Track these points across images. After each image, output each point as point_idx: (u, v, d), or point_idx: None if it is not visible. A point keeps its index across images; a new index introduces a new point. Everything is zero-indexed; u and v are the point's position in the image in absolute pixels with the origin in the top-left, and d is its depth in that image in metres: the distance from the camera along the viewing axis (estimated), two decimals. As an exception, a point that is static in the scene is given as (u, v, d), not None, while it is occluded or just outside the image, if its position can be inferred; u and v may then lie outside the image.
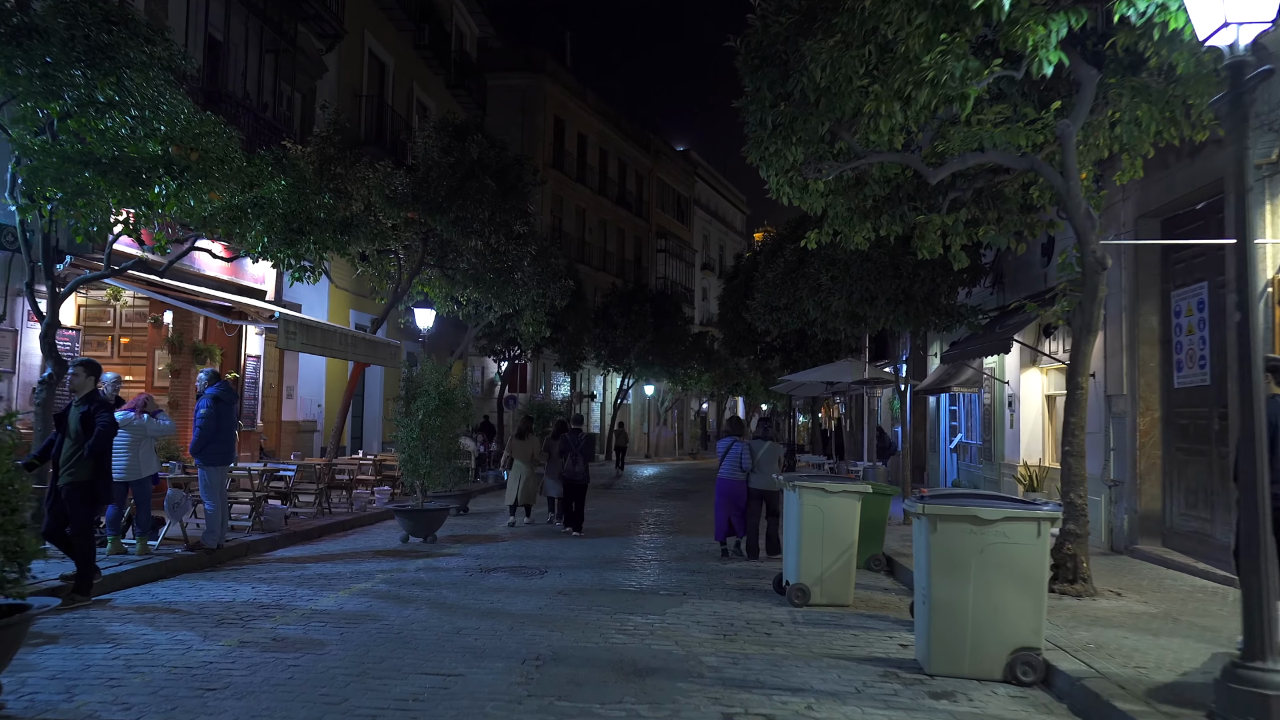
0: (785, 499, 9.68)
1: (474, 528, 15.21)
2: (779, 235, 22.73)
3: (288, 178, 10.23)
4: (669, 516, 17.75)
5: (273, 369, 19.32)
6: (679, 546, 13.36)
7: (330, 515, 15.11)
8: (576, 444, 14.92)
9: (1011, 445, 16.19)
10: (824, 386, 21.33)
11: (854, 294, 15.13)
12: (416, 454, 13.14)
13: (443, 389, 13.17)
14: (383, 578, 10.17)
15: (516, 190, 16.54)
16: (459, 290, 17.63)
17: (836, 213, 10.84)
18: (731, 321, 27.41)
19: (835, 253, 15.58)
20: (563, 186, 40.24)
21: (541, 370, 37.69)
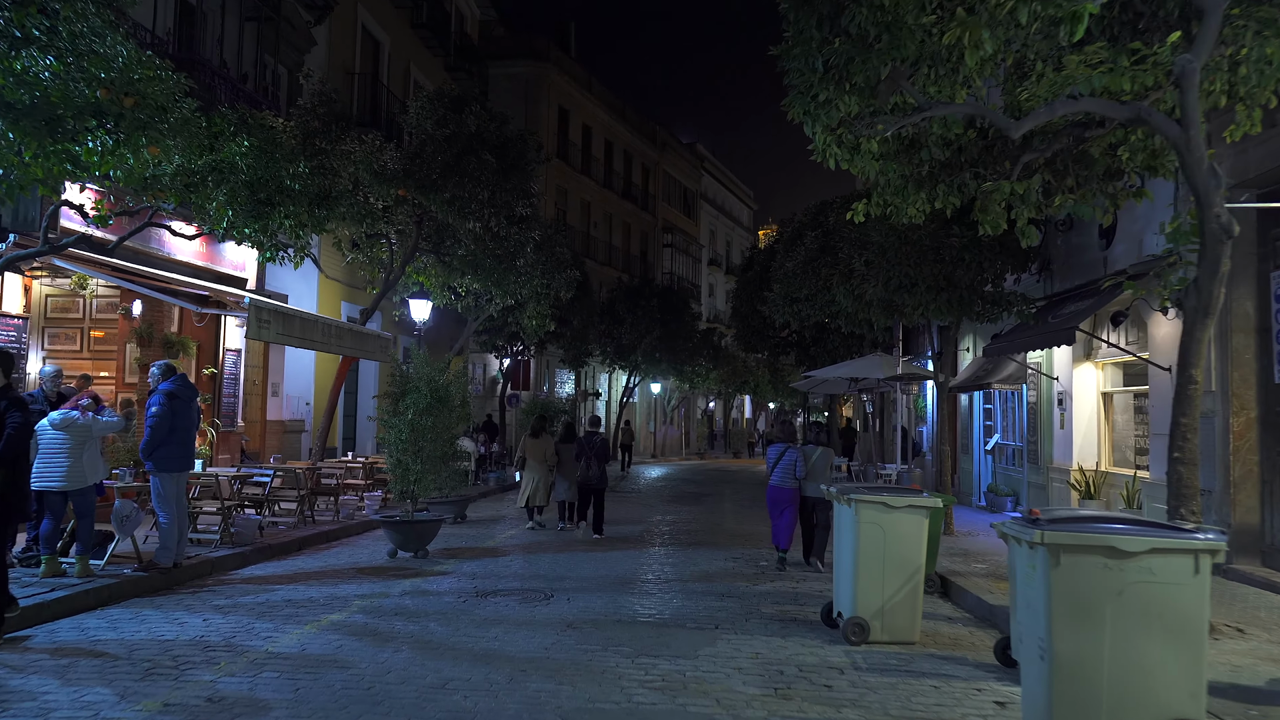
0: (838, 515, 8.11)
1: (472, 538, 13.66)
2: (799, 223, 21.16)
3: (252, 138, 8.65)
4: (684, 524, 16.20)
5: (256, 364, 17.78)
6: (700, 561, 11.81)
7: (314, 525, 13.57)
8: (592, 446, 13.96)
9: (1062, 447, 14.62)
10: (847, 384, 19.79)
11: (891, 280, 13.57)
12: (406, 458, 11.59)
13: (436, 385, 11.62)
14: (361, 605, 8.61)
15: (519, 169, 15.00)
16: (456, 279, 16.06)
17: (888, 180, 9.28)
18: (746, 315, 25.82)
19: (869, 235, 14.06)
20: (567, 178, 38.68)
21: (545, 367, 36.15)
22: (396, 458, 11.62)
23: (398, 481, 11.64)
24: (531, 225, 16.18)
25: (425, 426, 11.55)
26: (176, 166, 8.41)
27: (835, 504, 8.13)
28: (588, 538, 13.91)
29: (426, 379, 11.55)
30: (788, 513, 11.15)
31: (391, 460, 11.62)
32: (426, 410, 11.54)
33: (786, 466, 11.07)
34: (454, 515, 15.61)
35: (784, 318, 20.70)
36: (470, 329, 21.35)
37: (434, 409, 11.61)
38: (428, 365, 11.63)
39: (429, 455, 11.76)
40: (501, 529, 14.91)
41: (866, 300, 14.26)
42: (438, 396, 11.61)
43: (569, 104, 39.31)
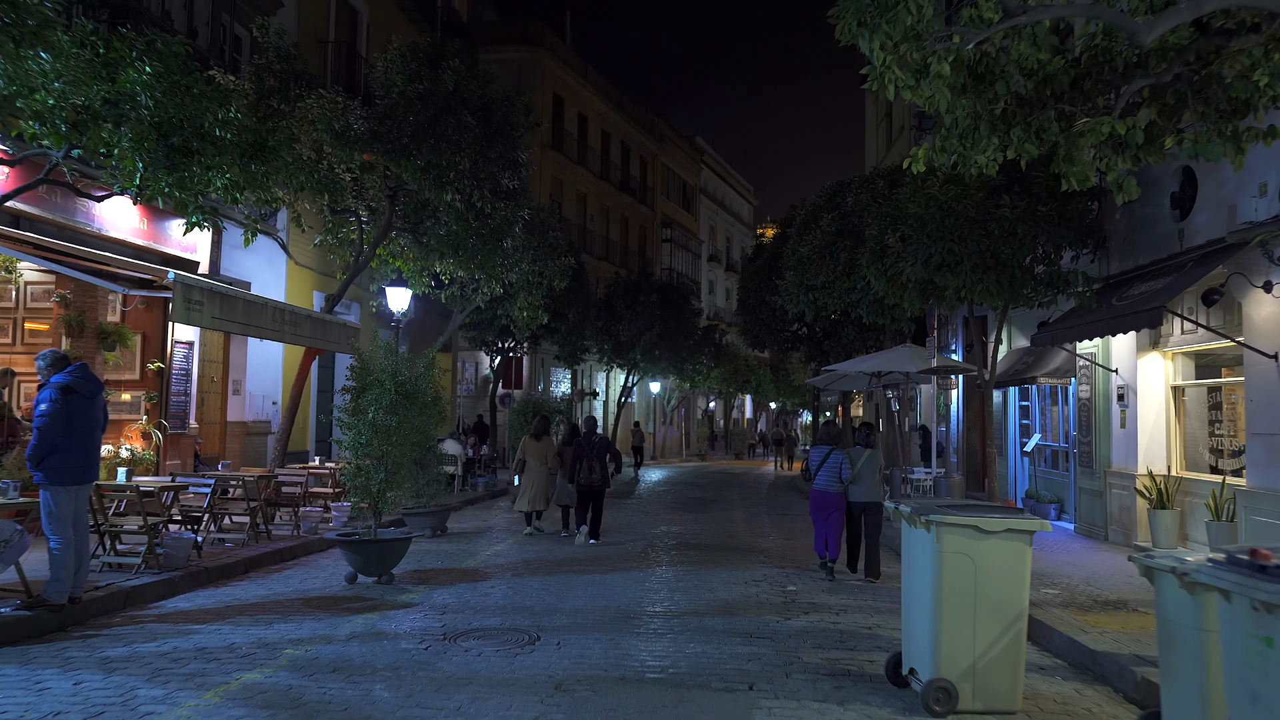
0: (909, 542, 6.21)
1: (450, 556, 11.75)
2: (813, 206, 19.27)
3: (156, 64, 6.74)
4: (693, 537, 14.29)
5: (214, 359, 15.86)
6: (715, 585, 9.92)
7: (269, 541, 11.67)
8: (592, 446, 13.07)
9: (1123, 449, 12.74)
10: (868, 379, 17.91)
11: (932, 258, 11.68)
12: (367, 464, 9.67)
13: (401, 378, 9.70)
14: (292, 656, 6.70)
15: (504, 135, 13.10)
16: (434, 261, 14.14)
17: (955, 120, 7.40)
18: (753, 308, 23.88)
19: (905, 207, 12.19)
20: (562, 169, 36.79)
21: (540, 365, 34.23)
22: (356, 464, 9.70)
23: (357, 492, 9.72)
24: (519, 201, 14.26)
25: (389, 427, 9.63)
26: (59, 95, 6.50)
27: (905, 527, 6.23)
28: (584, 544, 12.94)
29: (390, 371, 9.63)
30: (834, 518, 10.47)
31: (350, 468, 9.70)
32: (391, 408, 9.62)
33: (832, 469, 10.37)
34: (432, 528, 13.71)
35: (798, 307, 18.81)
36: (456, 322, 19.44)
37: (400, 406, 9.69)
38: (392, 355, 9.70)
39: (395, 461, 9.84)
40: (486, 543, 13.00)
41: (902, 281, 12.37)
42: (404, 392, 9.70)
43: (564, 92, 37.42)
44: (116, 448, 13.13)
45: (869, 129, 31.64)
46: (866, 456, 10.44)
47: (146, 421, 13.56)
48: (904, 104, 25.45)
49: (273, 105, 11.91)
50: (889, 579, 10.76)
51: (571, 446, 13.51)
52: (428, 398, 9.94)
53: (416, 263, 14.95)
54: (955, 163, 7.71)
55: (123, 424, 13.41)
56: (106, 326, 12.42)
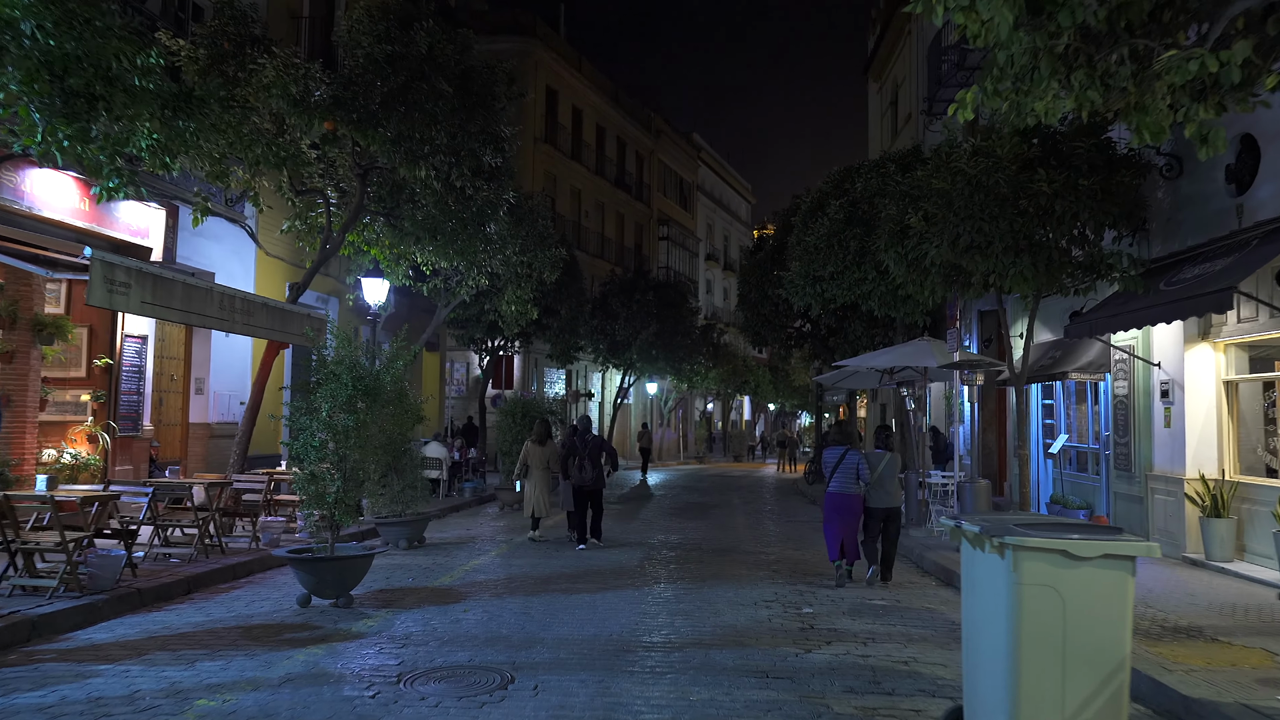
0: (975, 568, 4.94)
1: (423, 573, 10.47)
2: (819, 192, 18.02)
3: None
4: (693, 546, 13.02)
5: (174, 355, 14.58)
6: (721, 607, 8.65)
7: (222, 556, 10.39)
8: (585, 446, 12.61)
9: (1168, 451, 11.48)
10: (879, 377, 16.66)
11: (960, 238, 10.42)
12: (321, 471, 8.39)
13: (361, 372, 8.42)
14: (204, 710, 5.42)
15: (486, 106, 11.82)
16: (410, 247, 12.85)
17: (1012, 56, 6.14)
18: (755, 303, 22.58)
19: (930, 183, 10.94)
20: (556, 164, 35.52)
21: (533, 365, 32.95)
22: (310, 471, 8.41)
23: (309, 504, 8.43)
24: (503, 183, 12.97)
25: (347, 428, 8.35)
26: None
27: (968, 550, 4.97)
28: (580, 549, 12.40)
29: (348, 364, 8.34)
30: (851, 521, 9.89)
31: (302, 476, 8.40)
32: (348, 405, 8.34)
33: (848, 470, 9.81)
34: (408, 539, 12.43)
35: (803, 300, 17.56)
36: (439, 317, 18.16)
37: (360, 403, 8.41)
38: (348, 346, 8.41)
39: (355, 466, 8.56)
40: (466, 556, 11.72)
41: (925, 266, 11.11)
42: (365, 387, 8.41)
43: (557, 84, 36.16)
44: (59, 452, 11.85)
45: (872, 120, 30.42)
46: (887, 460, 9.94)
47: (93, 423, 12.27)
48: (912, 88, 24.23)
49: (227, 72, 10.64)
50: (902, 585, 9.51)
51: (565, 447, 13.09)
52: (391, 394, 8.64)
53: (392, 250, 13.67)
54: (1007, 112, 6.44)
55: (66, 426, 12.12)
56: (43, 318, 11.12)
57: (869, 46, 30.03)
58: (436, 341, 25.47)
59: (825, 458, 10.15)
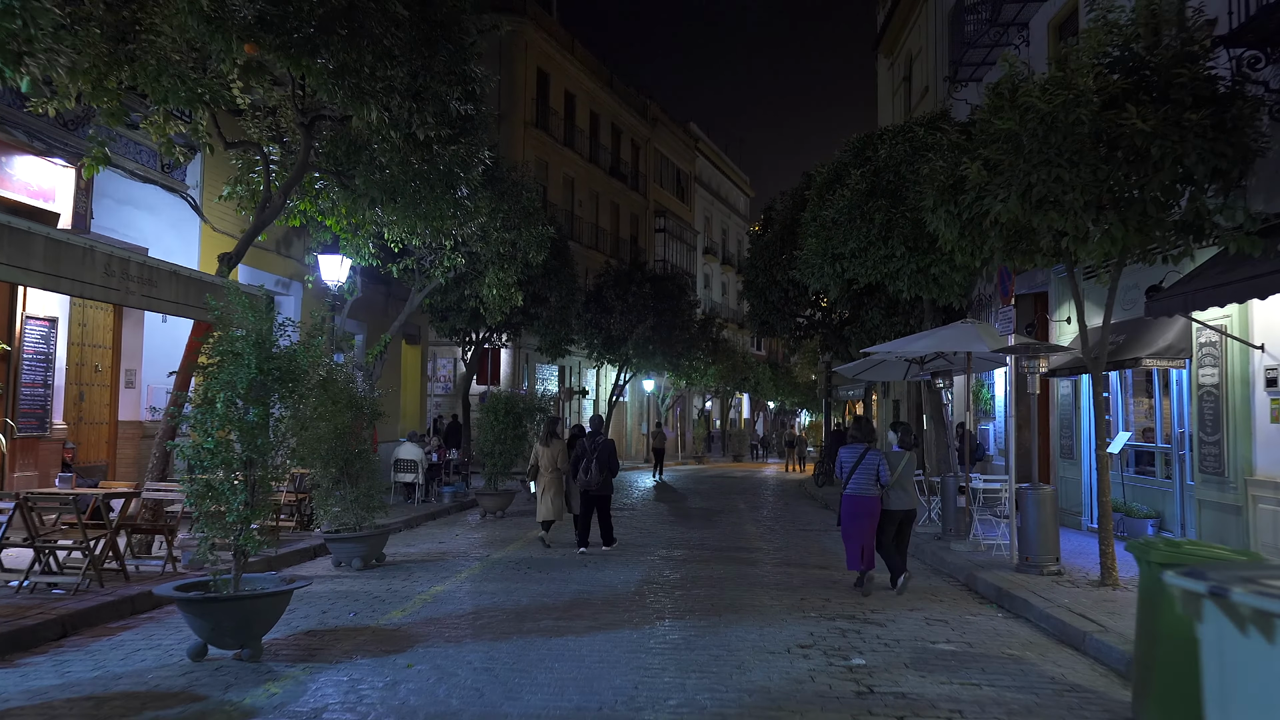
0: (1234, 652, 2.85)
1: (370, 605, 8.36)
2: (838, 162, 15.91)
3: None
4: (701, 566, 10.92)
5: (96, 342, 12.47)
6: (747, 657, 6.57)
7: (125, 584, 8.32)
8: (594, 449, 11.82)
9: (1275, 452, 9.43)
10: (905, 369, 14.60)
11: (1034, 187, 8.33)
12: (220, 482, 6.27)
13: (269, 345, 6.30)
14: None
15: (453, 39, 9.68)
16: (364, 211, 10.73)
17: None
18: (763, 288, 20.42)
19: (991, 124, 8.86)
20: (547, 150, 33.42)
21: (523, 361, 30.85)
22: (205, 481, 6.29)
23: (203, 525, 6.30)
24: (477, 137, 10.87)
25: (254, 425, 6.24)
26: None
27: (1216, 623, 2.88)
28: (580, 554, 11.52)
29: (255, 337, 6.22)
30: (870, 525, 9.09)
31: (195, 487, 6.28)
32: (257, 394, 6.23)
33: (869, 471, 9.05)
34: (363, 558, 10.34)
35: (819, 283, 15.47)
36: (413, 302, 16.07)
37: (270, 389, 6.31)
38: (256, 314, 6.28)
39: (266, 477, 6.45)
40: (429, 578, 9.61)
41: (986, 226, 9.00)
42: (276, 370, 6.29)
43: (549, 66, 34.06)
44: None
45: (883, 99, 28.37)
46: (907, 459, 9.26)
47: (-11, 421, 10.18)
48: (929, 59, 22.17)
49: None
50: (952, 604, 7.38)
51: (574, 448, 12.38)
52: (310, 381, 6.52)
53: (350, 220, 11.55)
54: None
55: (-51, 425, 10.02)
56: (-87, 293, 9.02)
57: (878, 21, 28.00)
58: (417, 333, 23.38)
59: (842, 457, 9.31)
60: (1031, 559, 9.80)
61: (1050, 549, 9.85)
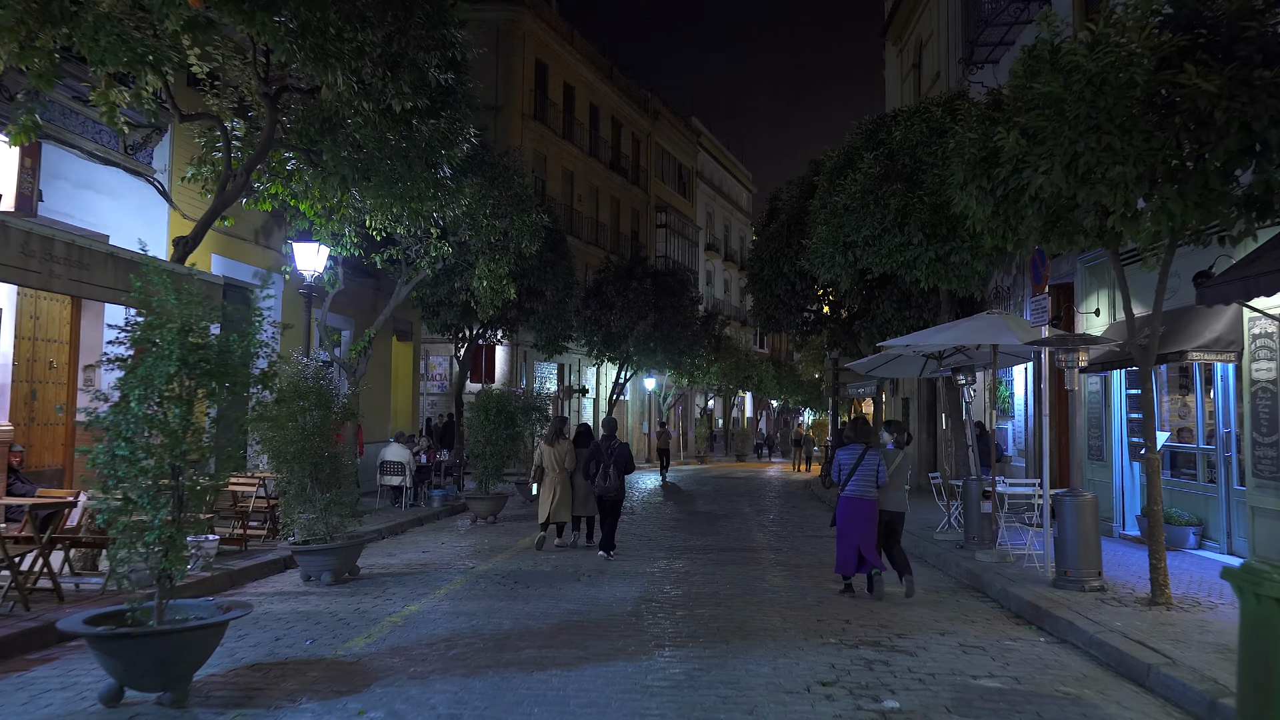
0: None
1: (332, 629, 7.38)
2: (849, 147, 14.90)
3: None
4: (706, 579, 9.93)
5: (53, 336, 11.50)
6: (760, 700, 5.59)
7: (57, 607, 7.35)
8: (610, 452, 11.34)
9: (1345, 453, 8.42)
10: (921, 365, 13.60)
11: (1082, 155, 7.32)
12: (137, 494, 5.28)
13: (197, 330, 5.31)
14: None
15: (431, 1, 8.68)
16: (334, 191, 9.72)
17: None
18: (769, 281, 19.36)
19: (1031, 87, 7.85)
20: (546, 142, 32.42)
21: (521, 359, 29.88)
22: (125, 495, 5.30)
23: (120, 545, 5.30)
24: (461, 112, 9.86)
25: (177, 428, 5.25)
26: None
27: None
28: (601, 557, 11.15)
29: (179, 325, 5.23)
30: (869, 528, 8.78)
31: (113, 505, 5.28)
32: (174, 389, 5.24)
33: (867, 472, 8.75)
34: (333, 571, 9.35)
35: (830, 274, 14.48)
36: (399, 295, 15.09)
37: (198, 382, 5.31)
38: (180, 297, 5.28)
39: (198, 489, 5.46)
40: (405, 595, 8.63)
41: (1024, 203, 7.98)
42: (204, 364, 5.29)
43: (548, 57, 33.04)
44: None
45: (890, 88, 27.34)
46: (900, 459, 9.04)
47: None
48: (940, 43, 21.15)
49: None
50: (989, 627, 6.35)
51: (586, 449, 11.97)
52: (242, 372, 5.51)
53: (324, 203, 10.56)
54: None
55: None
56: None
57: (886, 7, 26.98)
58: (409, 329, 22.39)
59: (840, 458, 8.96)
60: (1070, 573, 8.80)
61: (1091, 562, 8.85)
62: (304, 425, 9.17)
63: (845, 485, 8.74)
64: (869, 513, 8.68)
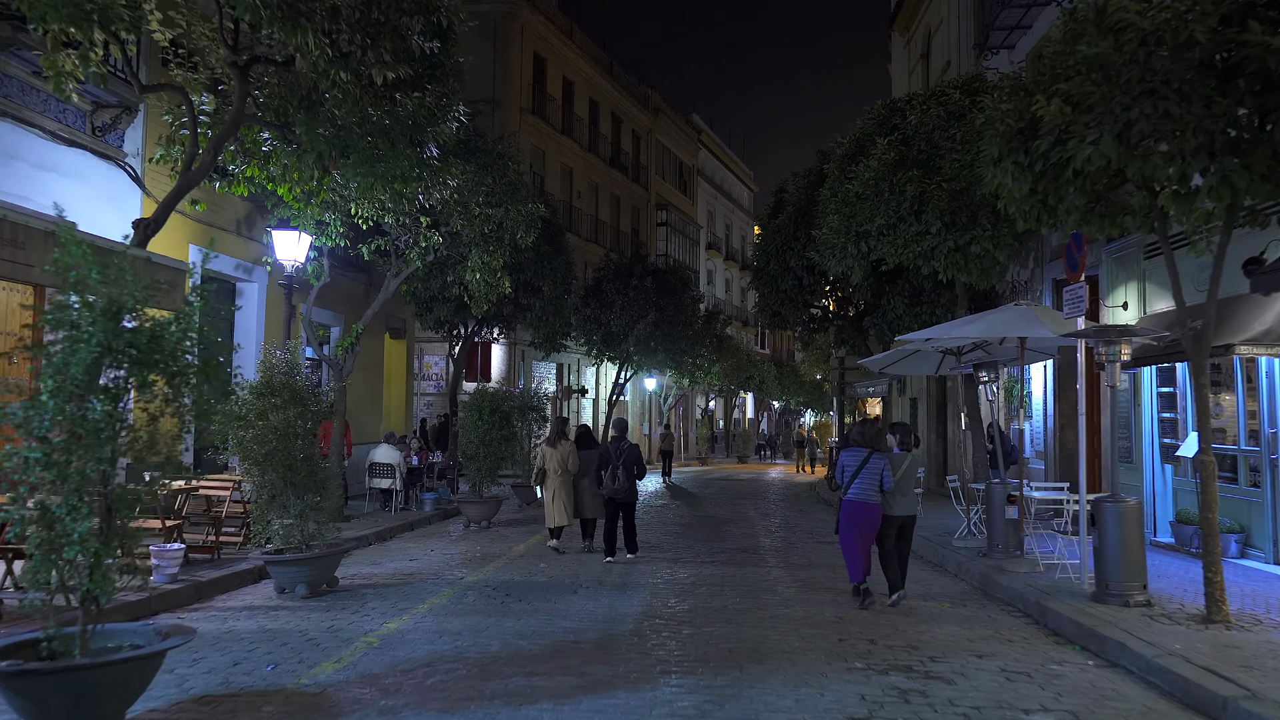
0: None
1: (297, 653, 6.58)
2: (860, 133, 14.09)
3: None
4: (714, 593, 9.14)
5: (9, 330, 10.67)
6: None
7: (-7, 623, 6.54)
8: (619, 454, 11.02)
9: None
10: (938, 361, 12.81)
11: (1136, 124, 6.53)
12: (57, 502, 4.48)
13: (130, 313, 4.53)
14: None
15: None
16: (309, 170, 8.91)
17: None
18: (775, 276, 18.54)
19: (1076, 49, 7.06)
20: (544, 138, 31.64)
21: (519, 358, 29.09)
22: (40, 504, 4.50)
23: (39, 563, 4.50)
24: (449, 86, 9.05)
25: (99, 424, 4.46)
26: None
27: None
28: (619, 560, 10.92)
29: (101, 308, 4.44)
30: (869, 535, 8.44)
31: (21, 511, 4.49)
32: (89, 380, 4.44)
33: (872, 476, 8.38)
34: (309, 583, 8.56)
35: (841, 266, 13.68)
36: (389, 288, 14.31)
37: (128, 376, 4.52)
38: (103, 272, 4.50)
39: (128, 496, 4.66)
40: (385, 610, 7.83)
41: (1065, 179, 7.19)
42: (132, 350, 4.50)
43: (546, 51, 32.25)
44: None
45: (898, 80, 26.56)
46: (909, 462, 8.64)
47: None
48: (950, 31, 20.37)
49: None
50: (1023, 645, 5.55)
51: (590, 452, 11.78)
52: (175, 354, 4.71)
53: (303, 186, 9.75)
54: None
55: None
56: None
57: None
58: (402, 326, 21.61)
59: (843, 461, 8.63)
60: (1113, 586, 8.00)
61: (1136, 574, 8.05)
62: (275, 424, 8.38)
63: (848, 489, 8.44)
64: (870, 518, 8.35)
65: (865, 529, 8.37)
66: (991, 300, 15.70)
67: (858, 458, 8.41)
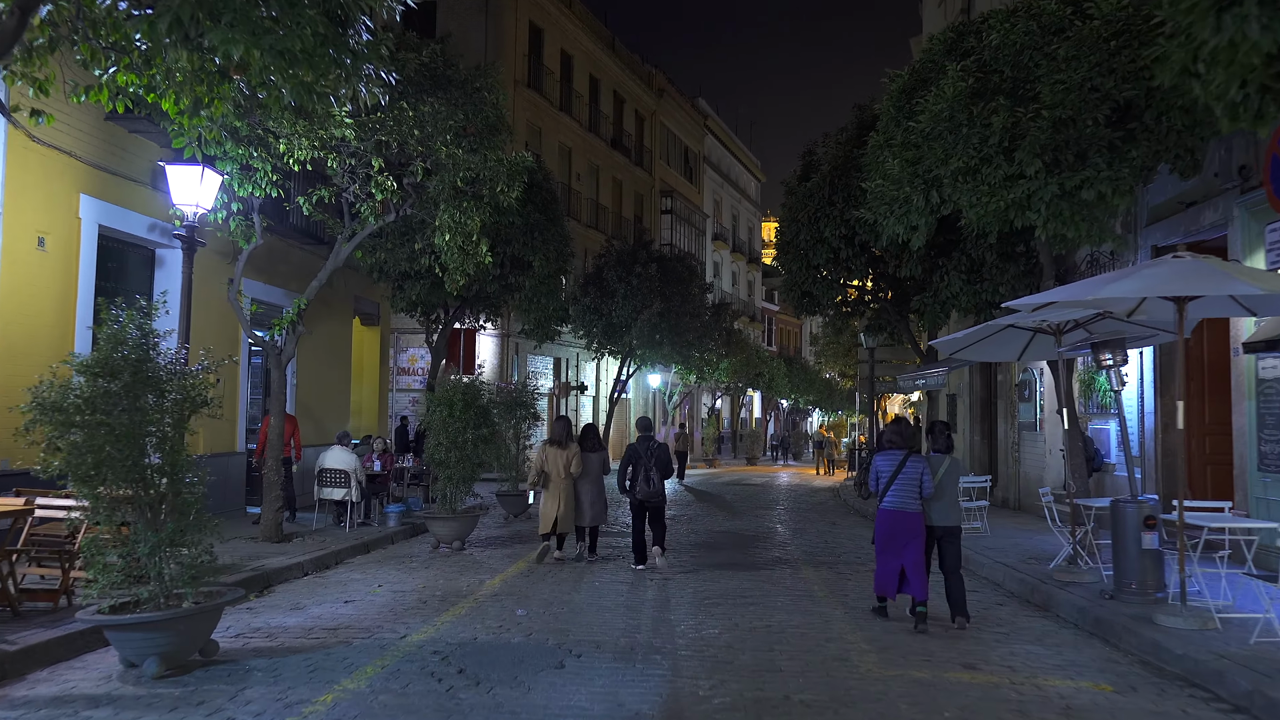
0: None
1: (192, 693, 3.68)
2: (923, 62, 11.20)
3: None
4: (756, 667, 6.27)
5: None
6: None
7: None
8: (651, 454, 9.83)
9: None
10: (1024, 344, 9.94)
11: None
12: None
13: None
14: None
15: None
16: (177, 50, 6.03)
17: None
18: (805, 249, 15.48)
19: None
20: (540, 114, 28.79)
21: (512, 351, 26.23)
22: None
23: None
24: None
25: None
26: None
27: None
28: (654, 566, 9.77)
29: None
30: (914, 546, 7.29)
31: None
32: None
33: (910, 482, 7.35)
34: (161, 657, 5.68)
35: (903, 223, 10.77)
36: (339, 254, 11.45)
37: None
38: None
39: None
40: (264, 708, 4.96)
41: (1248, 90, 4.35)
42: None
43: (543, 20, 29.39)
44: None
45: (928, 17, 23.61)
46: (947, 465, 7.52)
47: None
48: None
49: None
50: None
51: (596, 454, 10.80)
52: None
53: (191, 88, 6.86)
54: None
55: None
56: None
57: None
58: (375, 312, 18.76)
59: (877, 465, 7.69)
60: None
61: None
62: (113, 421, 5.51)
63: (884, 496, 7.54)
64: (912, 527, 7.38)
65: (906, 540, 7.32)
66: (1069, 274, 12.86)
67: (893, 461, 7.49)
